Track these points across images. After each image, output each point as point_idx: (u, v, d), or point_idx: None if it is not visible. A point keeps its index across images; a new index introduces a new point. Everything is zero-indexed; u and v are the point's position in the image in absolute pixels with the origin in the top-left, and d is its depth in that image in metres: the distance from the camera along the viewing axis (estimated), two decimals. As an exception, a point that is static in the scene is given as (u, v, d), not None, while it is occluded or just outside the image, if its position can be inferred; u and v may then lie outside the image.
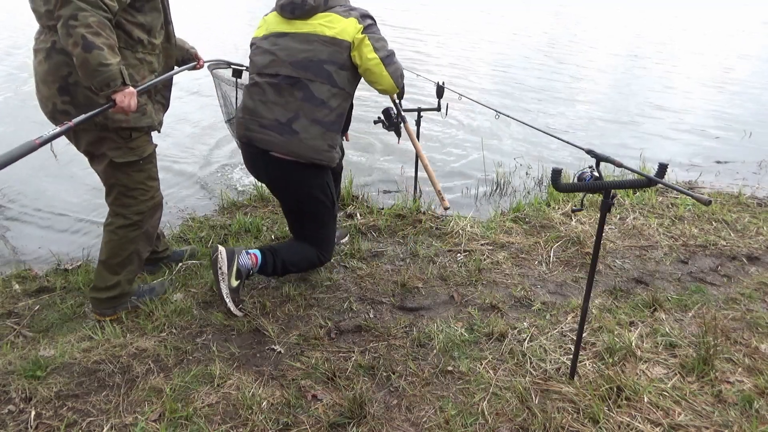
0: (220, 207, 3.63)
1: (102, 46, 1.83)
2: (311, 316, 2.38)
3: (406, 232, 3.19)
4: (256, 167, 2.46)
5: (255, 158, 2.40)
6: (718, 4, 23.74)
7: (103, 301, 2.29)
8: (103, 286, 2.28)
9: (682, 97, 7.56)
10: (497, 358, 2.13)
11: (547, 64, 9.61)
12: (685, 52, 11.60)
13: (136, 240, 2.29)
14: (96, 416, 1.81)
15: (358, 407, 1.82)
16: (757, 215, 3.54)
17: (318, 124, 2.28)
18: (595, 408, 1.83)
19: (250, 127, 2.32)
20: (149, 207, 2.29)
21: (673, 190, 1.86)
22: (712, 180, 4.48)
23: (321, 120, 2.28)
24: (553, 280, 2.74)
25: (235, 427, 1.78)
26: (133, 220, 2.25)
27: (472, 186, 4.23)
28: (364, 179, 4.24)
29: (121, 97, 1.92)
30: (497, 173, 4.26)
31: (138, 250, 2.31)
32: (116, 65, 1.88)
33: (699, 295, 2.61)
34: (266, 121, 2.29)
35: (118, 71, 1.89)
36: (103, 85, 1.87)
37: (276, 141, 2.28)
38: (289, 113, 2.27)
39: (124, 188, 2.22)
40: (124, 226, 2.25)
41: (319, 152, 2.30)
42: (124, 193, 2.23)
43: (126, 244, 2.26)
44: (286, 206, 2.57)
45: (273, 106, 2.29)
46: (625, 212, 3.52)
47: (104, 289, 2.28)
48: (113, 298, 2.30)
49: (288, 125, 2.27)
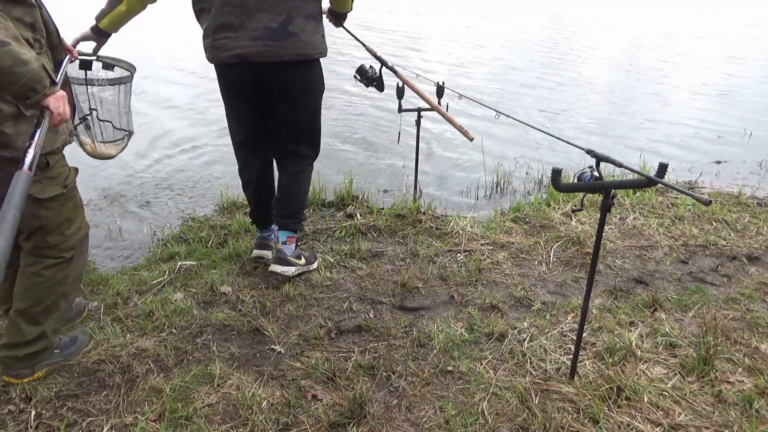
0: (220, 207, 3.63)
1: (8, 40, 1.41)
2: (311, 316, 2.38)
3: (406, 232, 3.19)
4: (248, 86, 2.31)
5: (246, 77, 2.26)
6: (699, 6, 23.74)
7: (21, 359, 1.87)
8: (21, 341, 1.86)
9: (681, 98, 7.56)
10: (497, 358, 2.13)
11: (546, 64, 9.61)
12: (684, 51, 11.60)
13: (65, 280, 1.91)
14: (96, 416, 1.81)
15: (358, 407, 1.82)
16: (757, 215, 3.54)
17: (312, 19, 2.24)
18: (595, 408, 1.83)
19: (239, 44, 2.17)
20: (80, 239, 1.94)
21: (673, 190, 1.86)
22: (712, 180, 4.48)
23: (313, 14, 2.24)
24: (553, 280, 2.74)
25: (235, 427, 1.78)
26: (65, 258, 1.89)
27: (472, 186, 4.23)
28: (364, 179, 4.23)
29: (55, 102, 1.52)
30: (497, 173, 4.26)
31: (66, 292, 1.93)
32: (36, 61, 1.46)
33: (699, 295, 2.61)
34: (256, 32, 2.16)
35: (41, 68, 1.47)
36: (29, 90, 1.45)
37: (275, 49, 2.18)
38: (280, 16, 2.16)
39: (50, 226, 1.83)
40: (53, 266, 1.87)
41: (318, 47, 2.30)
42: (50, 231, 1.83)
43: (54, 287, 1.88)
44: (284, 116, 2.44)
45: (258, 14, 2.15)
46: (625, 212, 3.52)
47: (23, 344, 1.86)
48: (34, 354, 1.89)
49: (283, 29, 2.17)
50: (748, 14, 20.92)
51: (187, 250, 2.94)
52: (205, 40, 2.29)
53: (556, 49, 11.28)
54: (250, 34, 2.16)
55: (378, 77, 2.74)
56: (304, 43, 2.23)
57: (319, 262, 2.78)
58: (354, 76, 2.83)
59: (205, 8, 2.23)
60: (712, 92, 7.94)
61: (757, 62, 10.59)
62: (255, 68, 2.23)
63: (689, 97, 7.56)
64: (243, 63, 2.21)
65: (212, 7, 2.19)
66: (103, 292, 2.54)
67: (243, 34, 2.16)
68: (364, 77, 2.77)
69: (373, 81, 2.75)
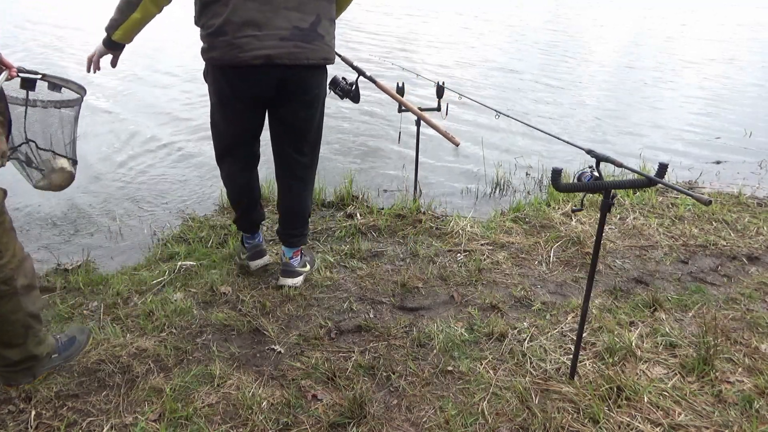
0: (220, 207, 3.63)
1: None
2: (311, 316, 2.38)
3: (406, 232, 3.19)
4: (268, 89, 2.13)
5: (269, 80, 2.09)
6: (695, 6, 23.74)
7: (18, 373, 1.88)
8: (10, 363, 1.84)
9: (681, 97, 7.56)
10: (497, 358, 2.13)
11: (546, 64, 9.60)
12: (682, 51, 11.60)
13: (18, 306, 1.76)
14: (96, 416, 1.81)
15: (358, 407, 1.82)
16: (757, 215, 3.54)
17: (333, 23, 2.15)
18: (595, 408, 1.83)
19: (266, 44, 1.99)
20: (15, 268, 1.74)
21: (673, 190, 1.86)
22: (712, 180, 4.48)
23: (333, 17, 2.15)
24: (553, 280, 2.74)
25: (235, 427, 1.78)
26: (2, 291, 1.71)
27: (472, 186, 4.23)
28: (364, 179, 4.23)
29: None
30: (497, 173, 4.26)
31: (28, 312, 1.80)
32: None
33: (699, 295, 2.61)
34: (285, 32, 2.00)
35: None
36: None
37: (305, 51, 2.05)
38: (310, 16, 2.03)
39: None
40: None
41: (334, 51, 2.21)
42: None
43: (8, 316, 1.75)
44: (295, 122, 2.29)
45: (286, 12, 1.99)
46: (625, 212, 3.52)
47: (13, 365, 1.85)
48: (28, 369, 1.89)
49: (312, 30, 2.04)
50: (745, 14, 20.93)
51: (187, 250, 2.94)
52: (219, 37, 2.03)
53: (557, 49, 11.28)
54: (279, 33, 1.99)
55: (353, 88, 2.60)
56: (329, 47, 2.14)
57: (318, 261, 2.78)
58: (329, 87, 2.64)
59: (221, 1, 1.99)
60: (712, 92, 7.93)
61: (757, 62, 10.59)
62: (281, 71, 2.08)
63: (689, 97, 7.56)
64: (269, 65, 2.04)
65: (229, 2, 1.97)
66: (103, 292, 2.54)
67: (270, 33, 1.99)
68: (338, 88, 2.62)
69: (349, 93, 2.61)
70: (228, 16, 1.98)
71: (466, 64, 9.27)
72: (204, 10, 2.06)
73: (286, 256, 2.55)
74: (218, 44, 2.04)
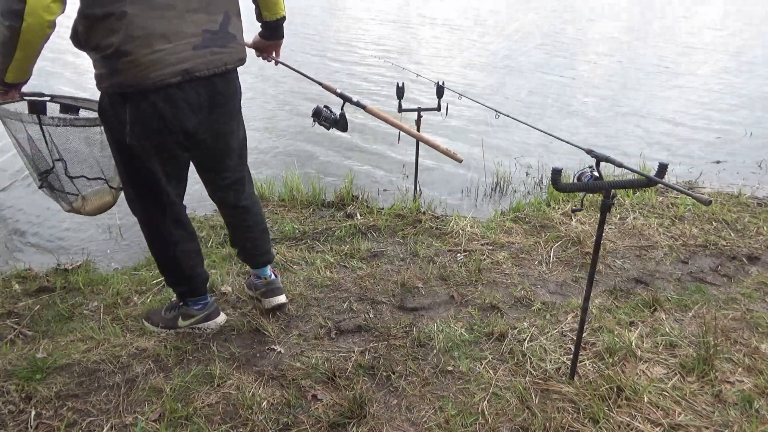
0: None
1: None
2: (311, 316, 2.38)
3: (406, 232, 3.19)
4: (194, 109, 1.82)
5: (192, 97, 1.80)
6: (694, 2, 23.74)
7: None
8: None
9: (681, 97, 7.56)
10: (497, 358, 2.13)
11: (546, 63, 9.60)
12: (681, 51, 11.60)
13: None
14: (96, 416, 1.81)
15: (358, 407, 1.82)
16: (757, 215, 3.54)
17: (240, 17, 1.91)
18: (595, 408, 1.83)
19: (180, 56, 1.71)
20: None
21: (673, 190, 1.86)
22: (712, 180, 4.48)
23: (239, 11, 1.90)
24: (553, 280, 2.74)
25: (235, 427, 1.78)
26: None
27: (472, 186, 4.23)
28: (364, 179, 4.24)
29: None
30: (497, 173, 4.26)
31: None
32: None
33: (699, 295, 2.61)
34: (196, 39, 1.74)
35: None
36: None
37: (222, 56, 1.82)
38: (218, 16, 1.80)
39: None
40: None
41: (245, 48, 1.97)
42: None
43: None
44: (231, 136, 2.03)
45: (192, 16, 1.73)
46: (625, 212, 3.52)
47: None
48: None
49: (223, 31, 1.81)
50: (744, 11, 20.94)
51: (187, 250, 2.93)
52: (121, 58, 1.66)
53: (556, 49, 11.28)
54: (190, 41, 1.73)
55: (339, 117, 2.37)
56: (241, 46, 1.92)
57: (318, 261, 2.78)
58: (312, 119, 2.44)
59: (114, 14, 1.61)
60: (711, 92, 7.93)
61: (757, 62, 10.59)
62: (203, 83, 1.80)
63: (689, 97, 7.56)
64: (189, 80, 1.76)
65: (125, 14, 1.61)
66: (103, 292, 2.55)
67: (181, 44, 1.71)
68: (320, 119, 2.40)
69: (336, 122, 2.38)
70: (128, 31, 1.64)
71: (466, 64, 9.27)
72: (93, 28, 1.67)
73: (265, 276, 2.37)
74: (120, 67, 1.68)
